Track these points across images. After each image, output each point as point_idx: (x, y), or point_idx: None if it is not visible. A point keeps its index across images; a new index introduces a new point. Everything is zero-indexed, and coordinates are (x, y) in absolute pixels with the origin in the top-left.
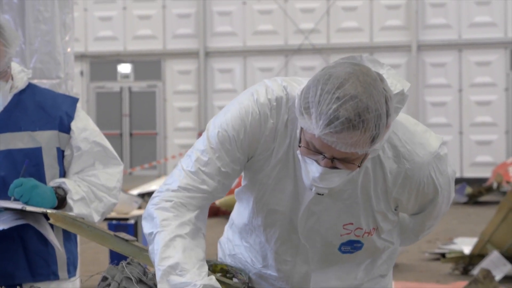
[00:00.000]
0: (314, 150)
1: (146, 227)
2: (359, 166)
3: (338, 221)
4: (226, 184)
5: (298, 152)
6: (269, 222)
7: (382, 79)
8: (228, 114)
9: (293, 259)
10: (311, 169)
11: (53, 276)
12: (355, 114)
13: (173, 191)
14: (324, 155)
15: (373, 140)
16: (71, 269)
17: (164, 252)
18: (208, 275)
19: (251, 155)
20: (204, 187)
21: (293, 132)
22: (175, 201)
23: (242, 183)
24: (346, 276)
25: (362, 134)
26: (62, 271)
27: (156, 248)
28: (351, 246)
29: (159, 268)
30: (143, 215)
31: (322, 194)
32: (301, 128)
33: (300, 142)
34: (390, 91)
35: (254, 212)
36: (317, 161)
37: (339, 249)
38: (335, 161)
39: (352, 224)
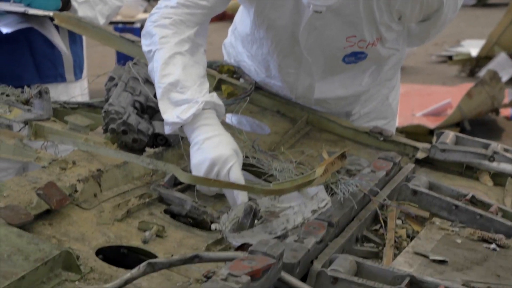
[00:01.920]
0: None
1: (145, 45)
2: None
3: (340, 35)
4: None
5: None
6: (271, 35)
7: None
8: None
9: (296, 71)
10: None
11: (60, 78)
12: None
13: (172, 7)
14: None
15: None
16: (78, 72)
17: (164, 70)
18: (211, 86)
19: None
20: (204, 2)
21: None
22: (174, 18)
23: None
24: (351, 83)
25: None
26: (68, 73)
27: (155, 66)
28: (355, 57)
29: (159, 86)
30: (142, 33)
31: (320, 12)
32: None
33: None
34: None
35: (255, 24)
36: None
37: (343, 60)
38: None
39: (355, 36)
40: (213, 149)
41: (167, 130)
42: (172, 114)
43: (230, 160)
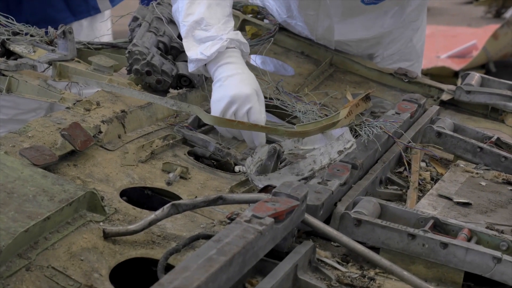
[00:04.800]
0: None
1: None
2: None
3: None
4: None
5: None
6: None
7: None
8: None
9: (315, 13)
10: None
11: (94, 10)
12: None
13: None
14: None
15: None
16: None
17: (189, 9)
18: (235, 26)
19: None
20: None
21: None
22: None
23: None
24: (372, 25)
25: None
26: (102, 2)
27: (180, 6)
28: None
29: (183, 24)
30: None
31: None
32: None
33: None
34: None
35: None
36: None
37: (362, 1)
38: None
39: None
40: (234, 87)
41: (191, 68)
42: (196, 51)
43: (250, 100)
